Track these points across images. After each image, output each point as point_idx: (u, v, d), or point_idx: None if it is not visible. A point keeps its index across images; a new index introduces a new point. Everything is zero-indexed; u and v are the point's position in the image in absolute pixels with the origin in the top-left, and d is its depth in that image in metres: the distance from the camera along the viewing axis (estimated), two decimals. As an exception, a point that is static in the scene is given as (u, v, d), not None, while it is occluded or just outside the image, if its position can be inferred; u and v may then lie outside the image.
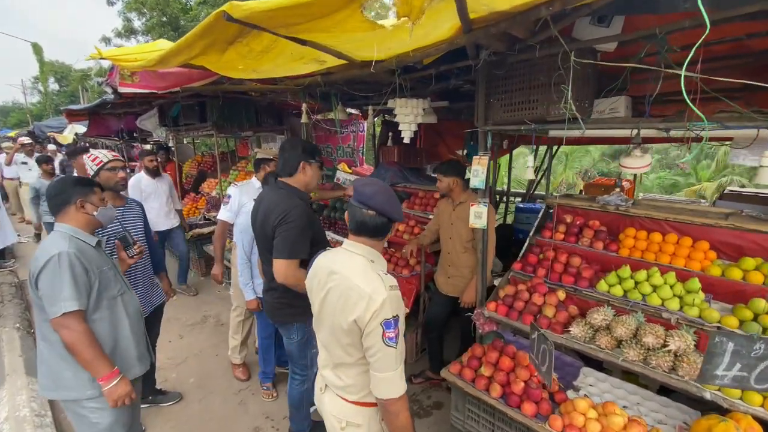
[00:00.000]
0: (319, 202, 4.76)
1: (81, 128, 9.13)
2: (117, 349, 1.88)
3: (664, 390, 2.06)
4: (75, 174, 3.50)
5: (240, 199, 3.12)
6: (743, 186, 14.17)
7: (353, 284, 1.32)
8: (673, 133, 1.96)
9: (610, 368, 2.40)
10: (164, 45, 3.32)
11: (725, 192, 3.58)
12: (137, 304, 2.04)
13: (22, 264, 6.00)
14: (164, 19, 11.74)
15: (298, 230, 1.93)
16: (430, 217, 3.56)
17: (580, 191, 3.31)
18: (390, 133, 4.27)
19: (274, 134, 6.24)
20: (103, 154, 2.50)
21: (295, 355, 2.30)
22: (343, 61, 2.22)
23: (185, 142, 8.26)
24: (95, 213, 1.86)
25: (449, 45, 1.85)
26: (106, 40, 13.51)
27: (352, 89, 2.96)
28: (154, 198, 4.55)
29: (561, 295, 2.40)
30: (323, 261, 1.47)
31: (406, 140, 2.99)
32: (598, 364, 2.34)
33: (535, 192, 5.28)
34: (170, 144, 6.09)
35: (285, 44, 1.88)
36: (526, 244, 2.90)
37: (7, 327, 3.67)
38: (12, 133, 18.17)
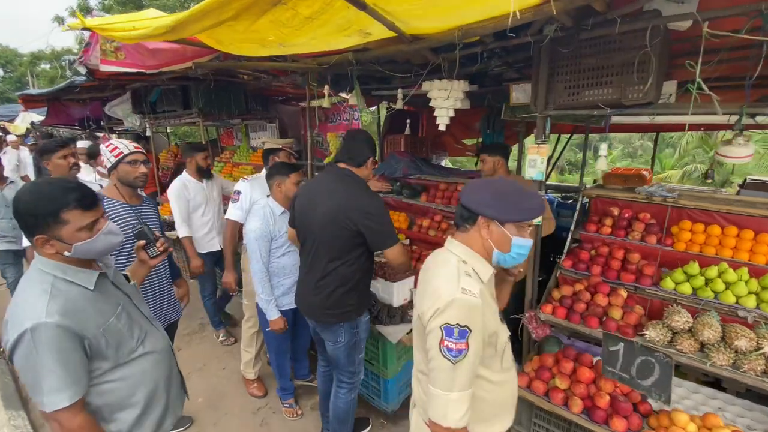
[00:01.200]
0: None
1: (36, 117, 8.20)
2: (148, 409, 1.40)
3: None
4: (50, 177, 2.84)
5: (251, 195, 2.78)
6: (707, 173, 14.99)
7: (432, 277, 1.28)
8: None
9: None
10: (155, 14, 2.87)
11: (748, 181, 3.56)
12: (165, 341, 1.53)
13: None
14: (126, -4, 10.74)
15: (386, 217, 1.89)
16: (454, 210, 3.34)
17: (594, 181, 3.18)
18: (408, 120, 3.98)
19: (264, 122, 5.78)
20: (123, 145, 2.11)
21: (342, 361, 2.09)
22: (390, 34, 1.91)
23: (162, 131, 7.58)
24: (67, 252, 1.20)
25: (535, 13, 1.59)
26: (59, 20, 12.23)
27: (383, 69, 2.64)
28: (207, 209, 3.26)
29: (623, 293, 2.23)
30: (428, 258, 1.43)
31: (442, 127, 2.72)
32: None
33: (565, 185, 5.15)
34: (147, 133, 5.50)
35: (338, 9, 1.57)
36: (569, 240, 2.73)
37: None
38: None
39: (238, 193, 2.80)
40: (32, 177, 6.08)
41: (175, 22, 1.69)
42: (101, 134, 8.05)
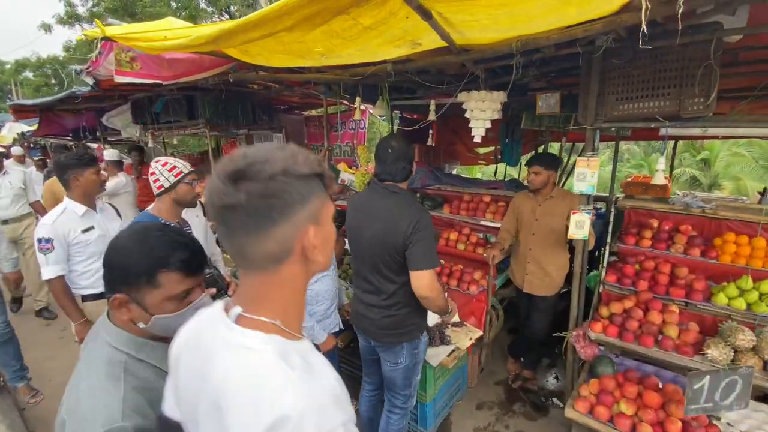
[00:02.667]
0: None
1: (25, 127, 7.88)
2: None
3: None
4: (68, 194, 2.41)
5: None
6: (694, 177, 15.33)
7: None
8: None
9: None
10: (176, 22, 2.74)
11: (769, 189, 3.57)
12: None
13: None
14: (116, 3, 10.47)
15: (432, 237, 1.79)
16: (483, 223, 3.25)
17: (622, 190, 3.16)
18: (430, 131, 3.89)
19: (270, 132, 5.64)
20: (181, 163, 1.99)
21: (398, 384, 2.01)
22: (439, 45, 1.83)
23: (159, 142, 7.35)
24: (142, 324, 0.94)
25: (606, 25, 1.52)
26: (46, 28, 11.86)
27: (420, 79, 2.55)
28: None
29: (675, 310, 2.17)
30: None
31: (477, 139, 2.65)
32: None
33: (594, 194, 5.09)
34: (149, 143, 5.30)
35: (399, 20, 1.48)
36: (606, 253, 2.66)
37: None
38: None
39: None
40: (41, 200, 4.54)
41: (220, 32, 1.58)
42: (96, 145, 7.79)
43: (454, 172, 5.45)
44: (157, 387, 0.85)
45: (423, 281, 1.70)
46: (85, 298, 2.46)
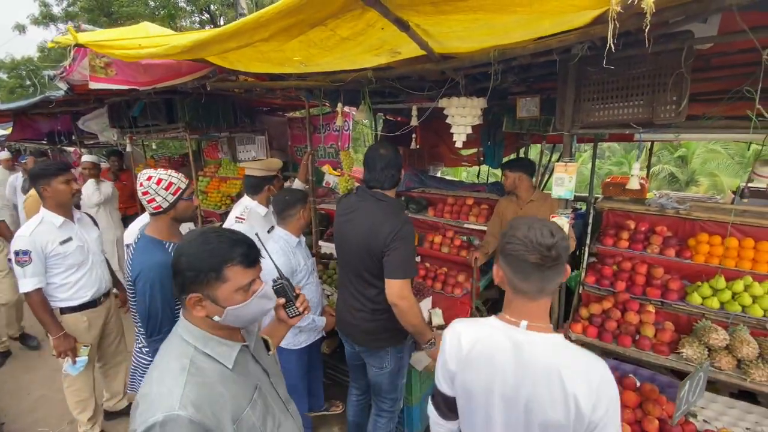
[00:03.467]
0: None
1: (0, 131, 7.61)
2: None
3: None
4: (43, 205, 2.36)
5: (252, 233, 2.54)
6: (672, 174, 15.76)
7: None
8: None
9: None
10: (151, 28, 2.69)
11: (745, 188, 3.69)
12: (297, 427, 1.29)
13: None
14: (92, 2, 10.17)
15: (411, 247, 1.83)
16: (466, 226, 3.28)
17: (602, 192, 3.22)
18: (413, 135, 3.90)
19: (253, 135, 5.57)
20: (176, 178, 1.78)
21: (384, 388, 2.06)
22: (418, 53, 1.84)
23: (138, 145, 7.19)
24: (218, 317, 1.05)
25: (579, 36, 1.55)
26: (20, 28, 11.45)
27: (400, 85, 2.56)
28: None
29: (651, 310, 2.23)
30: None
31: (459, 144, 2.67)
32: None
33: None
34: (128, 148, 5.18)
35: (375, 32, 1.48)
36: (586, 254, 2.72)
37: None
38: None
39: None
40: (20, 206, 4.55)
41: (195, 43, 1.55)
42: (72, 149, 7.58)
43: (438, 174, 5.48)
44: (215, 385, 1.00)
45: (393, 289, 1.74)
46: (63, 310, 2.41)
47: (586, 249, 2.75)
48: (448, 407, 1.20)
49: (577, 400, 0.92)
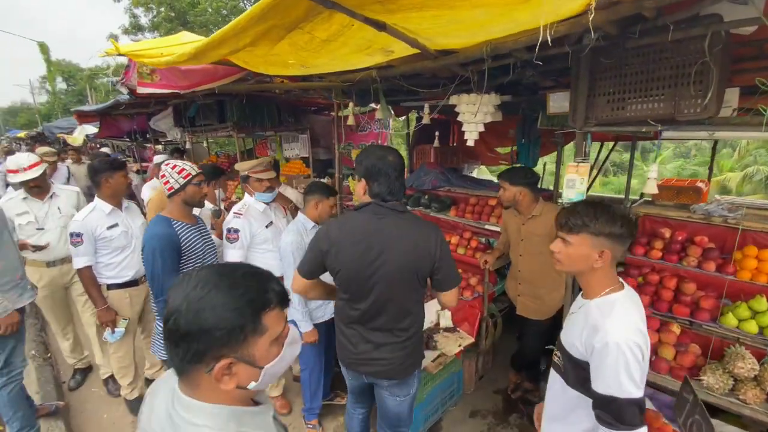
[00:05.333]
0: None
1: (92, 129, 8.81)
2: None
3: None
4: (98, 194, 2.63)
5: (251, 229, 2.57)
6: (768, 177, 13.54)
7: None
8: None
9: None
10: (189, 37, 2.94)
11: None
12: None
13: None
14: (172, 14, 11.35)
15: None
16: (487, 227, 3.17)
17: (641, 194, 2.85)
18: (437, 133, 3.86)
19: (296, 133, 5.86)
20: (189, 166, 2.14)
21: (404, 416, 1.84)
22: (414, 51, 1.82)
23: (203, 143, 7.92)
24: (254, 383, 0.79)
25: (570, 27, 1.44)
26: (113, 37, 13.16)
27: (408, 84, 2.55)
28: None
29: (675, 329, 1.99)
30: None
31: (470, 143, 2.58)
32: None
33: (608, 196, 4.80)
34: (187, 145, 5.73)
35: (356, 30, 1.50)
36: (612, 263, 2.49)
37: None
38: (22, 134, 17.98)
39: (236, 231, 2.49)
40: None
41: (195, 50, 1.69)
42: (148, 145, 8.54)
43: (475, 172, 5.32)
44: None
45: (453, 296, 1.64)
46: (110, 287, 2.74)
47: (614, 257, 2.51)
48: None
49: None
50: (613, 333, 1.11)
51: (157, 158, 5.23)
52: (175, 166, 2.13)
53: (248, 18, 1.32)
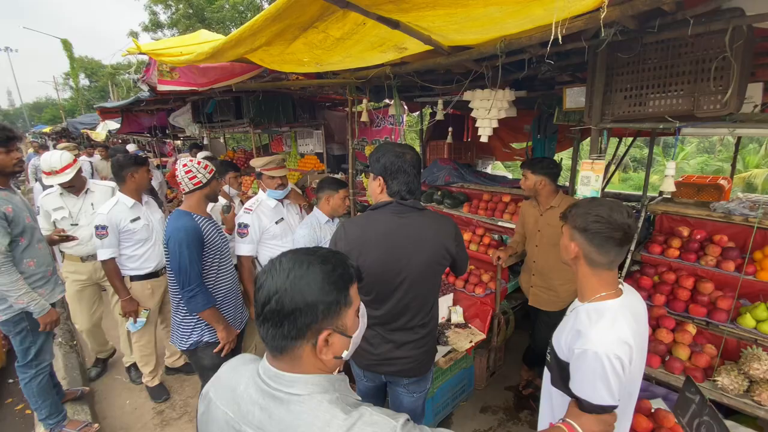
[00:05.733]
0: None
1: (114, 125, 9.07)
2: None
3: None
4: (121, 189, 2.75)
5: (261, 224, 2.62)
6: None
7: None
8: None
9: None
10: (207, 36, 3.00)
11: None
12: None
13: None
14: (190, 11, 11.53)
15: None
16: (500, 224, 3.16)
17: (660, 192, 2.77)
18: (450, 129, 3.85)
19: (311, 129, 5.91)
20: (209, 163, 2.18)
21: (419, 411, 1.85)
22: (427, 48, 1.82)
23: (220, 138, 8.07)
24: (345, 353, 0.85)
25: (587, 22, 1.42)
26: (134, 35, 13.47)
27: (421, 80, 2.55)
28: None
29: (691, 329, 1.96)
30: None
31: (484, 138, 2.57)
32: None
33: (626, 193, 4.69)
34: (205, 141, 5.86)
35: (369, 28, 1.51)
36: (627, 262, 2.46)
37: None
38: (47, 129, 18.60)
39: (246, 226, 2.54)
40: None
41: (213, 50, 1.74)
42: (167, 141, 8.74)
43: (489, 168, 5.27)
44: None
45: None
46: (132, 278, 2.84)
47: (629, 256, 2.48)
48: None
49: None
50: (595, 342, 1.08)
51: (129, 147, 5.26)
52: (200, 162, 2.15)
53: (264, 18, 1.35)
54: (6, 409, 2.91)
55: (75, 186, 2.87)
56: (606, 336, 1.09)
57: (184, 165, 2.09)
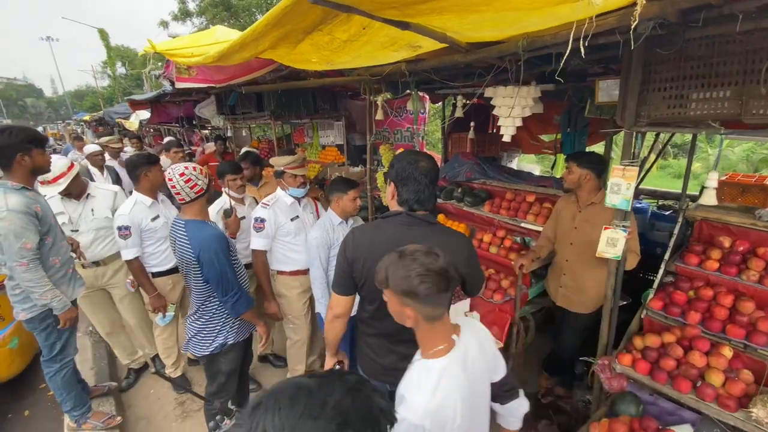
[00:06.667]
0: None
1: (146, 114, 9.35)
2: None
3: None
4: (137, 188, 2.78)
5: (277, 220, 2.61)
6: None
7: None
8: None
9: None
10: (221, 33, 2.97)
11: None
12: None
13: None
14: (217, -1, 11.61)
15: None
16: (523, 225, 3.00)
17: (701, 190, 2.51)
18: (472, 123, 3.68)
19: (332, 120, 5.85)
20: (202, 168, 2.12)
21: None
22: (442, 46, 1.70)
23: (243, 130, 8.16)
24: None
25: (620, 19, 1.27)
26: (164, 24, 13.71)
27: (439, 76, 2.42)
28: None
29: (727, 353, 1.80)
30: None
31: (507, 138, 2.43)
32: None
33: (662, 190, 4.36)
34: (228, 132, 5.93)
35: (378, 29, 1.42)
36: (661, 272, 2.28)
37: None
38: (87, 117, 19.49)
39: (262, 221, 2.57)
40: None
41: (219, 54, 1.69)
42: (195, 131, 8.93)
43: (515, 161, 5.05)
44: None
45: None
46: (155, 275, 2.91)
47: (663, 266, 2.30)
48: None
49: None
50: (406, 408, 1.01)
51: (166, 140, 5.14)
52: (195, 168, 2.03)
53: (264, 24, 1.29)
54: (40, 393, 3.11)
55: (72, 192, 2.75)
56: (415, 403, 1.01)
57: (182, 174, 1.92)
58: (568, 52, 1.20)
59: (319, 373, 0.67)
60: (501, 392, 1.36)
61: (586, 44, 1.81)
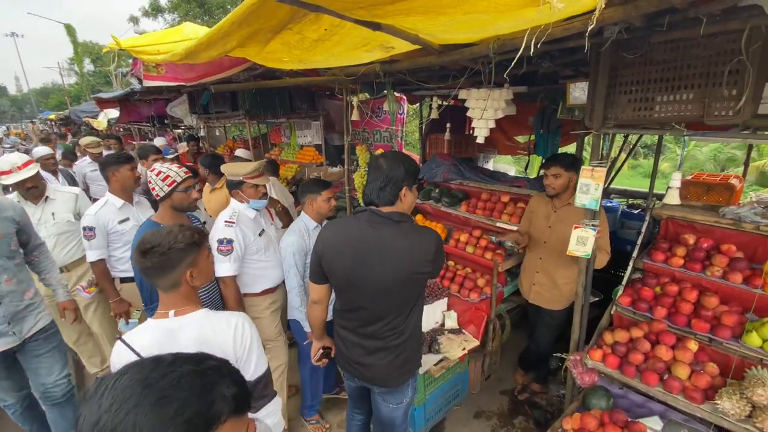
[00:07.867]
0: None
1: (115, 113, 8.99)
2: None
3: None
4: (109, 189, 2.66)
5: (245, 238, 2.26)
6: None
7: None
8: None
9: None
10: (190, 30, 2.88)
11: None
12: None
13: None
14: (190, -6, 11.28)
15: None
16: (499, 224, 3.04)
17: (668, 189, 2.60)
18: (448, 125, 3.71)
19: (309, 120, 5.77)
20: (174, 172, 2.06)
21: (398, 422, 1.82)
22: (416, 47, 1.70)
23: (216, 129, 7.95)
24: None
25: (584, 22, 1.29)
26: (134, 20, 13.24)
27: (415, 78, 2.42)
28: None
29: (692, 346, 1.87)
30: None
31: (480, 140, 2.46)
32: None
33: (632, 189, 4.51)
34: (201, 132, 5.76)
35: (350, 30, 1.39)
36: (629, 269, 2.35)
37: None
38: (52, 116, 18.59)
39: (229, 242, 2.16)
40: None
41: (186, 51, 1.63)
42: (168, 131, 8.66)
43: (491, 162, 5.12)
44: None
45: None
46: (123, 280, 2.79)
47: (631, 263, 2.37)
48: None
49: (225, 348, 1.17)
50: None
51: (157, 141, 5.19)
52: (159, 172, 2.04)
53: (231, 22, 1.24)
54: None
55: (38, 188, 2.59)
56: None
57: (158, 172, 2.01)
58: (531, 52, 1.21)
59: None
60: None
61: (558, 48, 1.86)
